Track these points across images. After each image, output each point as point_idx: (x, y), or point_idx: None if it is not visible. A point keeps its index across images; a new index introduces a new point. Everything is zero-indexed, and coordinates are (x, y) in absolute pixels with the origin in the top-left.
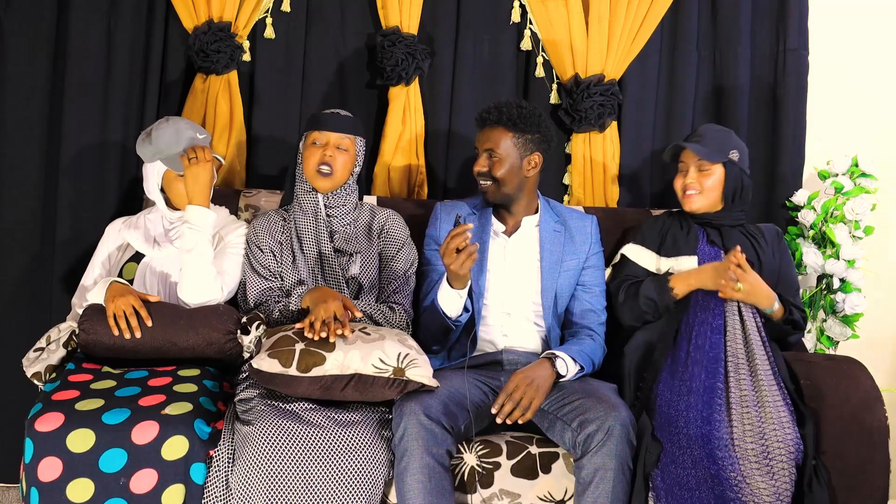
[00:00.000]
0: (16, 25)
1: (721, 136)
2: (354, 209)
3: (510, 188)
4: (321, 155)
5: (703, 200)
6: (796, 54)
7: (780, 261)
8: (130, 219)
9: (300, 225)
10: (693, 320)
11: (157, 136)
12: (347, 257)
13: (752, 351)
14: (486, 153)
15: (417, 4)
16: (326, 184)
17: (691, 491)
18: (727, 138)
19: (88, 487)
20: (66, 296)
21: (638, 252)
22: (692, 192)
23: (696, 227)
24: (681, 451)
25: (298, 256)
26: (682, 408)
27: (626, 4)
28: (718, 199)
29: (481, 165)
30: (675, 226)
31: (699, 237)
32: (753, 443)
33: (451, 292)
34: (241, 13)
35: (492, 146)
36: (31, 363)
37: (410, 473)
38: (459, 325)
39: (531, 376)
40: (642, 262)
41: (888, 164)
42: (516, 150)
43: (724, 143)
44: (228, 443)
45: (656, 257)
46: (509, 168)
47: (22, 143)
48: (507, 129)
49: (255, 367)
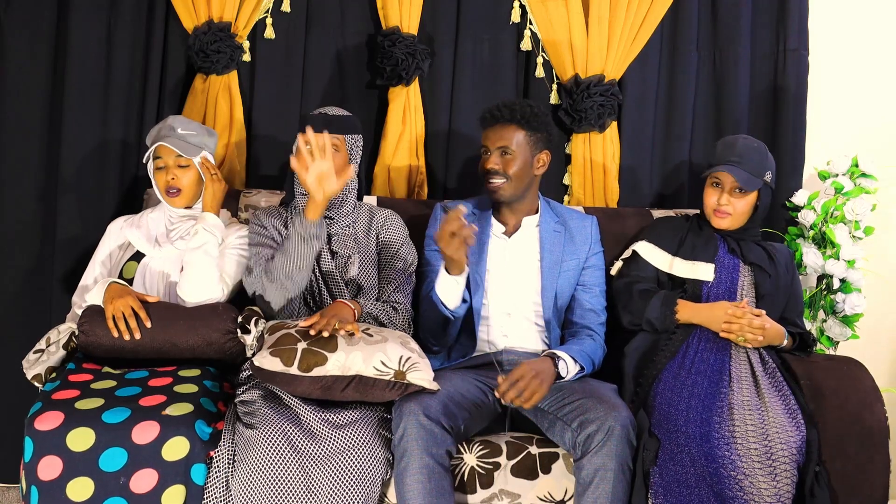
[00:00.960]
0: (16, 25)
1: (759, 157)
2: (354, 210)
3: (521, 186)
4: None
5: (732, 222)
6: (796, 54)
7: (792, 280)
8: (132, 217)
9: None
10: (698, 335)
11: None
12: (346, 258)
13: (754, 364)
14: (499, 150)
15: (417, 4)
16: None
17: (690, 488)
18: (764, 160)
19: (88, 486)
20: (66, 296)
21: (651, 251)
22: (724, 215)
23: (715, 236)
24: (679, 449)
25: None
26: (683, 407)
27: (626, 5)
28: (746, 218)
29: (493, 163)
30: (693, 230)
31: (719, 246)
32: (757, 443)
33: (449, 279)
34: (241, 13)
35: (506, 143)
36: (31, 365)
37: (410, 474)
38: (457, 318)
39: (536, 369)
40: (654, 262)
41: (888, 164)
42: (528, 148)
43: (761, 166)
44: (229, 444)
45: (670, 258)
46: (522, 165)
47: (22, 143)
48: (520, 127)
49: (256, 364)
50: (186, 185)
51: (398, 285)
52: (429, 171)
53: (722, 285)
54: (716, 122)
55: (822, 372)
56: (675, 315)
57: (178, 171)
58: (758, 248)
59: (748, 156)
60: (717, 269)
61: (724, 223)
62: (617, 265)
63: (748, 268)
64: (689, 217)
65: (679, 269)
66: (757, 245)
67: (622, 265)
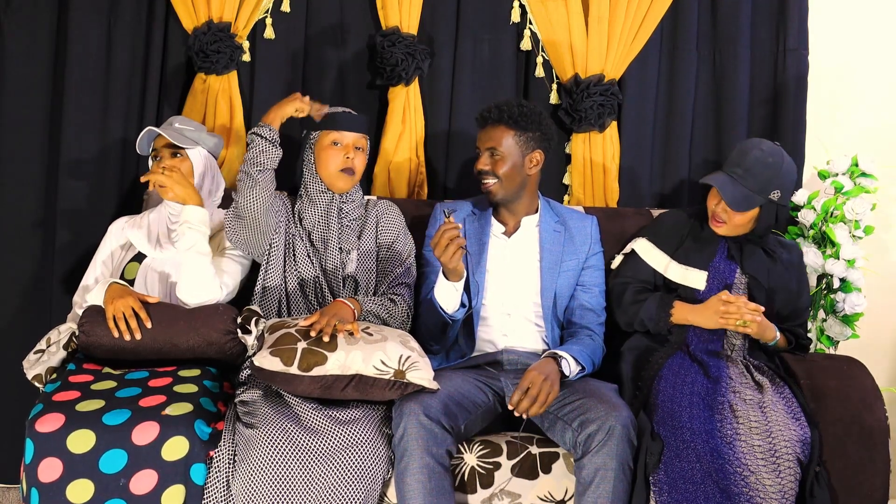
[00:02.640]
0: (16, 25)
1: (769, 174)
2: (360, 205)
3: (513, 186)
4: (343, 157)
5: (729, 230)
6: (796, 54)
7: (798, 284)
8: (134, 218)
9: (311, 221)
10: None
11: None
12: (345, 254)
13: (751, 368)
14: (488, 151)
15: (417, 4)
16: (347, 185)
17: (696, 484)
18: (775, 177)
19: (88, 488)
20: (66, 296)
21: (649, 250)
22: (720, 223)
23: (717, 239)
24: (685, 446)
25: (300, 250)
26: (685, 403)
27: (626, 4)
28: (747, 229)
29: (483, 164)
30: (695, 231)
31: (718, 251)
32: (760, 440)
33: (447, 285)
34: (240, 13)
35: (494, 144)
36: (31, 365)
37: (410, 473)
38: (456, 322)
39: (545, 372)
40: (651, 261)
41: (888, 164)
42: (518, 148)
43: (768, 183)
44: (229, 444)
45: (666, 261)
46: (511, 166)
47: (22, 143)
48: (508, 127)
49: (256, 364)
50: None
51: (396, 276)
52: (429, 171)
53: (713, 293)
54: (716, 122)
55: (822, 372)
56: (669, 317)
57: (173, 161)
58: (761, 254)
59: (755, 170)
60: (711, 276)
61: (721, 230)
62: (617, 259)
63: (745, 276)
64: (694, 214)
65: (673, 274)
66: (763, 250)
67: (622, 260)
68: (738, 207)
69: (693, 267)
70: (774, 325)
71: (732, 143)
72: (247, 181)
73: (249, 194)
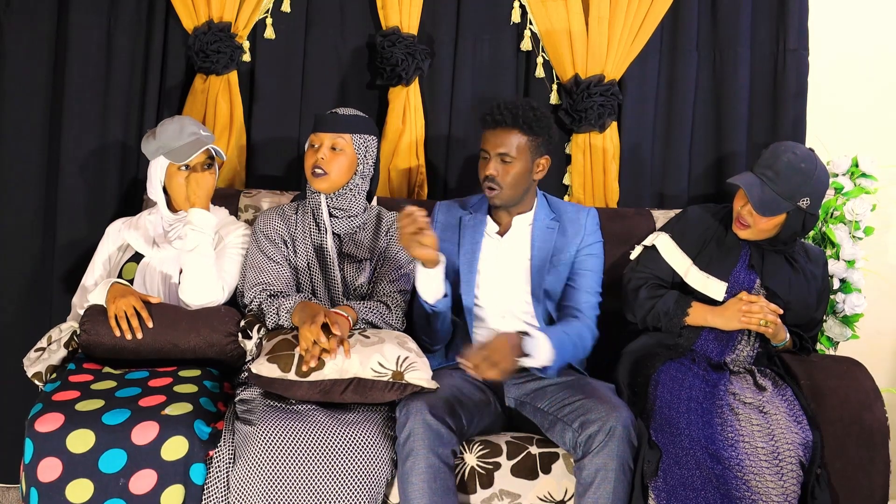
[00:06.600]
0: (16, 25)
1: (799, 180)
2: (364, 212)
3: (518, 192)
4: (315, 157)
5: (753, 234)
6: (796, 54)
7: (818, 299)
8: (130, 219)
9: (300, 225)
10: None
11: (161, 131)
12: (357, 264)
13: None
14: (499, 157)
15: (417, 4)
16: (322, 185)
17: (696, 491)
18: (805, 184)
19: (88, 488)
20: (66, 296)
21: (672, 250)
22: (743, 226)
23: (740, 245)
24: (683, 452)
25: (290, 256)
26: (683, 409)
27: (626, 4)
28: (772, 234)
29: (492, 170)
30: (719, 235)
31: (739, 260)
32: (763, 442)
33: (425, 273)
34: (241, 13)
35: (506, 150)
36: (31, 363)
37: (416, 474)
38: (440, 313)
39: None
40: (672, 262)
41: (888, 164)
42: (528, 154)
43: (798, 190)
44: (228, 443)
45: (687, 264)
46: (521, 171)
47: (22, 144)
48: (522, 133)
49: (254, 371)
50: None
51: (391, 280)
52: (429, 170)
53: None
54: (716, 122)
55: (822, 372)
56: (685, 316)
57: (206, 175)
58: (783, 263)
59: (786, 174)
60: (730, 286)
61: (744, 234)
62: (637, 249)
63: (763, 289)
64: (720, 216)
65: (693, 280)
66: (786, 258)
67: (641, 251)
68: (765, 212)
69: (714, 276)
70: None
71: (732, 143)
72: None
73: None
